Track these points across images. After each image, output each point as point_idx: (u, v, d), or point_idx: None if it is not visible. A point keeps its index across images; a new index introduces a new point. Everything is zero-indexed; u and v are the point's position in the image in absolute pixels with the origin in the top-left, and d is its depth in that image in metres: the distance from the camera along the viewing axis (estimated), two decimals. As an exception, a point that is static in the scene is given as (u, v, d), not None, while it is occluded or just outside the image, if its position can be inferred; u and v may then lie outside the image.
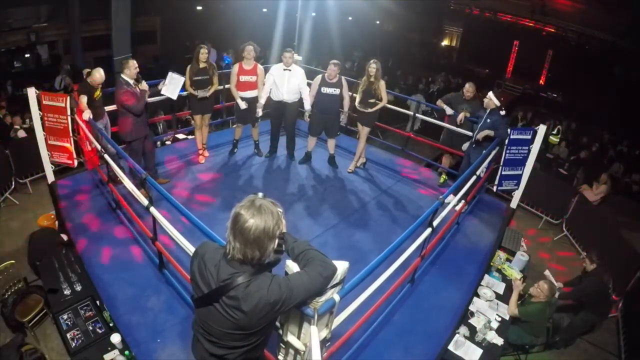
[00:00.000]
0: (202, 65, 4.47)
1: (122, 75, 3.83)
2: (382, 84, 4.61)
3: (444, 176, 5.28)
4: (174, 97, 4.32)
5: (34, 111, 3.55)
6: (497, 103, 4.27)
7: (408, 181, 5.19)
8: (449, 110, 4.85)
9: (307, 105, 4.80)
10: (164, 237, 3.11)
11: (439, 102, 5.06)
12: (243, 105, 4.67)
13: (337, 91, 4.66)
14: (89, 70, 4.17)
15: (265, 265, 1.40)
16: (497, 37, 16.39)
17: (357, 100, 4.77)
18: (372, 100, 4.65)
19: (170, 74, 4.27)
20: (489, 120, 4.25)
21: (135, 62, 3.86)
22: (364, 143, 5.02)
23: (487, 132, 4.22)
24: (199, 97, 4.49)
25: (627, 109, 11.57)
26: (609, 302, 4.05)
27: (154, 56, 12.62)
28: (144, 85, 3.97)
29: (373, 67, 4.54)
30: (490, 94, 4.31)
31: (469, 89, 4.83)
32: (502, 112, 4.40)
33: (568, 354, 3.91)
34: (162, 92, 4.31)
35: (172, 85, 4.26)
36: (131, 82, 3.84)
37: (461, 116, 4.70)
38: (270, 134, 5.27)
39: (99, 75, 4.05)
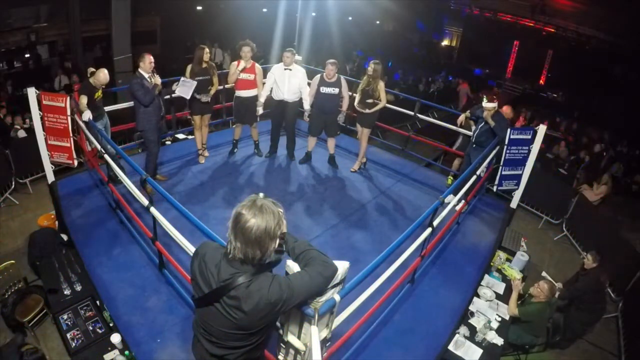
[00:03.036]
0: (202, 65, 4.47)
1: (139, 69, 3.99)
2: (381, 84, 4.60)
3: (450, 178, 5.26)
4: (187, 97, 4.42)
5: (34, 111, 3.55)
6: (494, 105, 4.24)
7: (408, 181, 5.19)
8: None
9: (307, 105, 4.80)
10: (164, 237, 3.11)
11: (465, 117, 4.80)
12: (242, 66, 4.56)
13: (336, 91, 4.66)
14: (92, 69, 4.18)
15: (266, 265, 1.40)
16: (497, 37, 16.41)
17: (356, 100, 4.77)
18: (370, 101, 4.65)
19: (182, 78, 4.40)
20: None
21: (150, 57, 4.00)
22: (365, 144, 5.02)
23: (491, 122, 4.20)
24: (202, 101, 4.49)
25: (627, 109, 11.58)
26: (605, 302, 4.03)
27: (154, 56, 12.61)
28: (157, 79, 4.07)
29: (371, 67, 4.54)
30: (484, 103, 4.26)
31: (507, 111, 4.60)
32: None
33: (568, 354, 3.91)
34: (176, 92, 4.42)
35: (185, 87, 4.36)
36: (146, 75, 3.98)
37: (461, 118, 4.70)
38: (270, 134, 5.27)
39: (103, 75, 4.09)
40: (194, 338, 1.61)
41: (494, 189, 4.40)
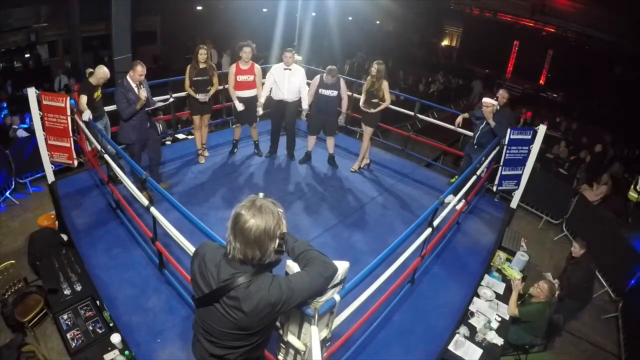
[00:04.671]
0: (202, 65, 4.46)
1: (127, 77, 3.80)
2: (385, 84, 4.61)
3: (456, 177, 5.25)
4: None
5: (34, 111, 3.55)
6: (494, 103, 4.25)
7: (408, 181, 5.19)
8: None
9: (305, 105, 4.81)
10: (164, 237, 3.11)
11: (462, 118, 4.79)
12: (240, 107, 4.66)
13: (335, 93, 4.67)
14: (91, 70, 4.17)
15: (266, 266, 1.40)
16: (497, 37, 16.43)
17: (362, 100, 4.78)
18: (375, 101, 4.66)
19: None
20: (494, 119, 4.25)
21: (142, 67, 3.77)
22: (367, 143, 5.02)
23: (492, 122, 4.22)
24: (200, 101, 4.49)
25: (627, 109, 11.58)
26: (591, 290, 3.99)
27: (154, 56, 12.63)
28: (142, 93, 3.79)
29: (374, 67, 4.55)
30: (484, 100, 4.27)
31: (503, 94, 4.52)
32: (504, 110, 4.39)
33: (568, 354, 3.91)
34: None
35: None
36: (133, 85, 3.78)
37: (459, 119, 4.70)
38: (270, 134, 5.27)
39: (102, 71, 4.05)
40: (194, 338, 1.61)
41: (494, 188, 4.40)
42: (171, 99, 4.34)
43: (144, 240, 3.52)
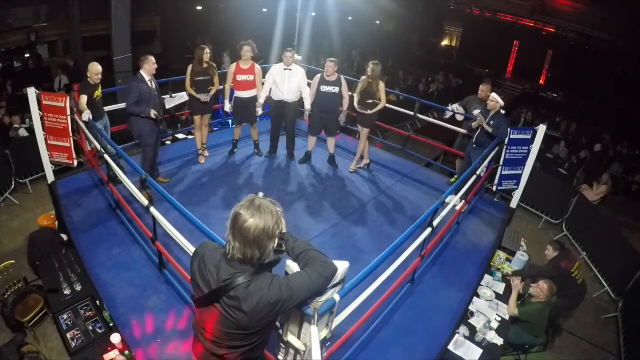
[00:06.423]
0: (203, 65, 4.46)
1: (141, 71, 3.87)
2: (381, 85, 4.61)
3: (457, 177, 5.26)
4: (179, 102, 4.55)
5: (34, 111, 3.55)
6: (502, 104, 4.28)
7: (408, 181, 5.19)
8: (459, 117, 4.92)
9: (307, 105, 4.80)
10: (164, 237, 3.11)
11: (456, 106, 5.10)
12: (228, 107, 4.78)
13: (337, 90, 4.66)
14: None
15: (266, 265, 1.40)
16: (497, 37, 16.42)
17: (356, 101, 4.77)
18: (370, 101, 4.65)
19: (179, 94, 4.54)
20: (492, 122, 4.26)
21: (153, 58, 3.89)
22: (364, 143, 5.02)
23: (488, 128, 4.24)
24: (202, 101, 4.49)
25: (626, 109, 11.57)
26: (577, 286, 3.91)
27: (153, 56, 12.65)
28: (152, 112, 3.86)
29: (370, 67, 4.54)
30: (494, 95, 4.31)
31: (482, 89, 4.92)
32: (502, 112, 4.41)
33: (568, 354, 3.91)
34: (168, 106, 4.46)
35: (174, 100, 4.48)
36: (147, 78, 3.86)
37: (475, 125, 4.73)
38: (270, 134, 5.27)
39: (96, 69, 4.06)
40: (194, 338, 1.61)
41: (494, 188, 4.41)
42: (186, 97, 4.48)
43: (144, 240, 3.52)
